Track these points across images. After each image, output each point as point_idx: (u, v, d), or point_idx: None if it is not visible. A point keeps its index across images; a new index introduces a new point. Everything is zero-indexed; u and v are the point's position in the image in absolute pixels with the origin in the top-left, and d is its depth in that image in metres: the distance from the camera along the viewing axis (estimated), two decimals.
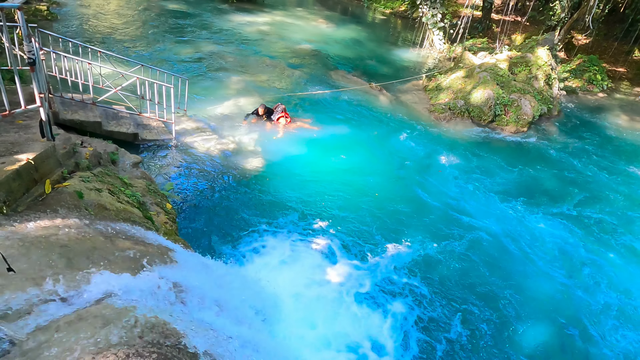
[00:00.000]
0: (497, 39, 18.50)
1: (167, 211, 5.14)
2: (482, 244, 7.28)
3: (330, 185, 8.15)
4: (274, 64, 14.11)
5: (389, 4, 26.08)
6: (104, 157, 5.34)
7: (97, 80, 7.86)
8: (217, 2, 21.40)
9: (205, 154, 8.17)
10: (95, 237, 3.27)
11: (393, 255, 6.64)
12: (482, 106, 12.01)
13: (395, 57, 17.91)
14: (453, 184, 9.07)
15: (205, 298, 3.50)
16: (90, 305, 2.53)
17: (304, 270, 5.99)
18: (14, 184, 3.26)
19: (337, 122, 10.76)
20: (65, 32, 13.19)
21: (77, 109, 7.54)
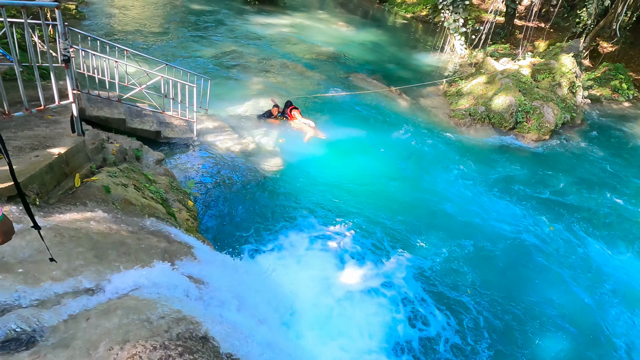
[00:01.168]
0: (519, 45, 18.27)
1: (189, 208, 5.22)
2: (501, 252, 7.19)
3: (347, 188, 8.16)
4: (294, 65, 14.20)
5: (410, 8, 25.98)
6: (129, 153, 5.46)
7: (123, 78, 8.03)
8: (240, 3, 21.64)
9: (225, 153, 8.26)
10: (122, 231, 3.35)
11: (410, 260, 6.61)
12: (504, 113, 11.87)
13: (415, 61, 17.83)
14: (472, 190, 8.98)
15: (225, 295, 3.55)
16: (118, 297, 2.60)
17: (320, 271, 6.01)
18: (46, 177, 3.37)
19: (356, 125, 10.76)
20: (93, 30, 13.52)
21: (102, 105, 7.72)
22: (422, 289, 6.12)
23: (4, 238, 1.75)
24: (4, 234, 1.74)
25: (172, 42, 14.36)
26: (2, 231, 1.73)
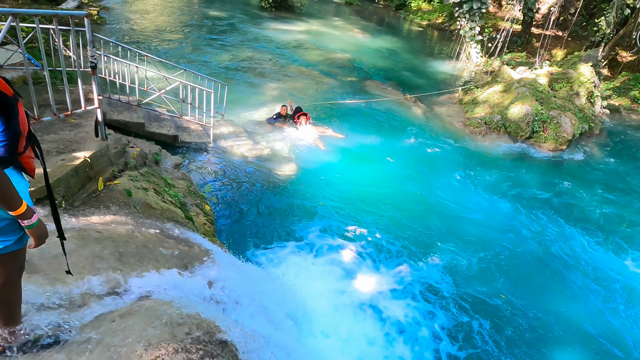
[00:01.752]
0: (536, 54, 18.12)
1: (206, 212, 5.29)
2: (515, 261, 7.12)
3: (361, 195, 8.18)
4: (310, 72, 14.30)
5: (426, 15, 25.97)
6: (149, 157, 5.57)
7: (142, 83, 8.18)
8: (257, 10, 21.89)
9: (240, 158, 8.35)
10: (143, 234, 3.42)
11: (422, 268, 6.58)
12: (520, 122, 11.77)
13: (430, 68, 17.80)
14: (488, 199, 8.91)
15: (242, 299, 3.59)
16: (140, 300, 2.65)
17: (333, 278, 6.02)
18: (72, 180, 3.46)
19: (370, 132, 10.78)
20: (113, 34, 13.82)
21: (122, 109, 7.88)
22: (436, 297, 6.09)
23: (38, 242, 1.82)
24: (38, 238, 1.81)
25: (190, 48, 14.59)
26: (37, 235, 1.80)
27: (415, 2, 27.57)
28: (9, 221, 1.74)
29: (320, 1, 27.54)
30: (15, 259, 1.87)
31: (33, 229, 1.77)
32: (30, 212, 1.74)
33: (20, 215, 1.70)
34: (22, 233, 1.82)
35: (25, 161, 1.82)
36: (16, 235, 1.80)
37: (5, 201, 1.65)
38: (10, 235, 1.78)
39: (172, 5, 19.75)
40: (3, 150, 1.71)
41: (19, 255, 1.88)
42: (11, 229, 1.77)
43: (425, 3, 27.50)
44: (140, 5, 18.62)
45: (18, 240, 1.82)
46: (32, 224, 1.75)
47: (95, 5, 16.09)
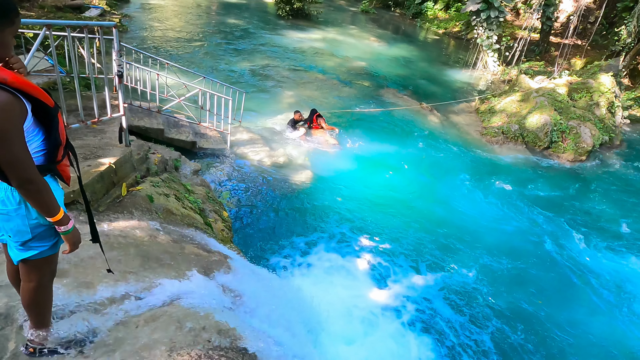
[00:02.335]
0: (555, 63, 17.92)
1: (224, 219, 5.35)
2: (534, 273, 7.01)
3: (377, 203, 8.16)
4: (326, 79, 14.38)
5: (443, 24, 25.92)
6: (169, 163, 5.66)
7: (162, 90, 8.33)
8: (274, 18, 22.15)
9: (257, 165, 8.42)
10: (165, 240, 3.47)
11: (438, 278, 6.53)
12: (538, 132, 11.63)
13: (446, 77, 17.74)
14: (505, 209, 8.81)
15: (261, 306, 3.61)
16: (163, 305, 2.70)
17: (349, 284, 6.01)
18: (97, 186, 3.55)
19: (387, 140, 10.77)
20: (134, 41, 14.12)
21: (142, 116, 8.03)
22: (450, 308, 6.02)
23: (72, 247, 1.89)
24: (73, 244, 1.88)
25: (208, 55, 14.82)
26: (73, 241, 1.87)
27: (431, 10, 27.56)
28: (45, 227, 1.81)
29: (336, 10, 27.74)
30: (49, 263, 1.93)
31: (69, 234, 1.83)
32: (66, 219, 1.81)
33: (58, 221, 1.76)
34: (56, 239, 1.89)
35: (62, 169, 1.89)
36: (51, 241, 1.87)
37: (46, 208, 1.71)
38: (46, 241, 1.85)
39: (190, 13, 20.11)
40: (43, 158, 1.78)
41: (53, 260, 1.95)
42: (47, 234, 1.84)
43: (441, 11, 27.47)
44: (159, 13, 19.01)
45: (53, 246, 1.89)
46: (68, 230, 1.82)
47: (117, 13, 16.48)
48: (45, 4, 14.68)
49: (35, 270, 1.89)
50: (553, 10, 19.22)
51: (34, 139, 1.71)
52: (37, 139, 1.73)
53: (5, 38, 1.59)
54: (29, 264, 1.87)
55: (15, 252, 1.83)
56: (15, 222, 1.74)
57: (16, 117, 1.56)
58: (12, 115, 1.53)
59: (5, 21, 1.56)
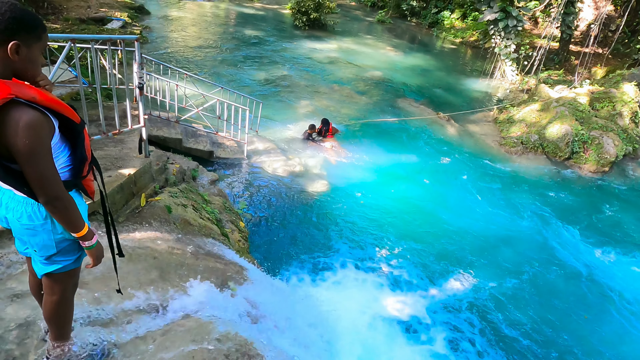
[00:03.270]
0: (575, 72, 17.60)
1: (240, 229, 5.35)
2: (554, 286, 6.83)
3: (393, 214, 8.08)
4: (342, 89, 14.40)
5: (460, 33, 25.78)
6: (187, 173, 5.71)
7: (181, 100, 8.44)
8: (290, 28, 22.36)
9: (273, 175, 8.44)
10: (183, 251, 3.48)
11: (457, 291, 6.40)
12: (559, 142, 11.40)
13: (464, 86, 17.59)
14: (525, 220, 8.63)
15: (278, 320, 3.58)
16: (180, 319, 2.69)
17: (365, 297, 5.93)
18: (117, 197, 3.59)
19: (403, 150, 10.70)
20: (154, 52, 14.41)
21: (161, 125, 8.14)
22: (467, 322, 5.89)
23: (96, 262, 1.91)
24: (97, 258, 1.90)
25: (226, 65, 15.01)
26: (96, 256, 1.89)
27: (448, 19, 27.47)
28: (70, 241, 1.83)
29: (352, 20, 27.88)
30: (72, 277, 1.95)
31: (93, 249, 1.85)
32: (91, 234, 1.83)
33: (83, 236, 1.78)
34: (80, 253, 1.91)
35: (86, 184, 1.91)
36: (75, 255, 1.89)
37: (71, 224, 1.73)
38: (70, 255, 1.86)
39: (209, 25, 20.45)
40: (69, 174, 1.80)
41: (75, 273, 1.97)
42: (71, 248, 1.85)
43: (458, 21, 27.35)
44: (179, 24, 19.38)
45: (76, 260, 1.91)
46: (92, 245, 1.84)
47: (138, 25, 16.86)
48: (70, 16, 15.12)
49: (58, 284, 1.90)
50: (573, 18, 18.94)
51: (60, 154, 1.73)
52: (64, 155, 1.75)
53: (33, 54, 1.61)
54: (52, 278, 1.88)
55: (40, 266, 1.85)
56: (41, 237, 1.76)
57: (45, 135, 1.57)
58: (41, 134, 1.55)
59: (32, 37, 1.58)
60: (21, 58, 1.56)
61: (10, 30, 1.50)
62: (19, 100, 1.50)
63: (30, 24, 1.57)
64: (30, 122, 1.50)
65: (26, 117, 1.50)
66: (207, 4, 25.01)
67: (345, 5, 32.12)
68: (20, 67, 1.57)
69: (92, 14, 15.87)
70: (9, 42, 1.51)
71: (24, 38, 1.54)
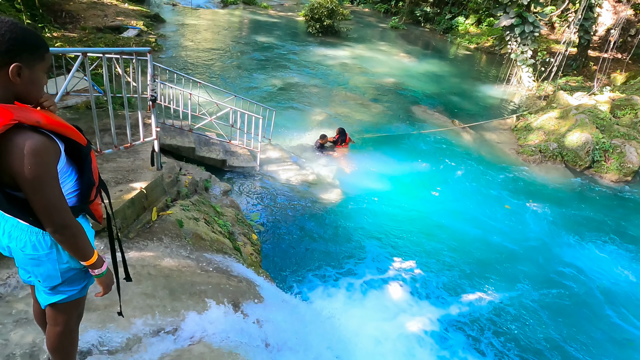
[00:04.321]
0: (594, 78, 17.20)
1: (253, 242, 5.25)
2: (579, 300, 6.56)
3: (408, 224, 7.90)
4: (355, 96, 14.29)
5: (474, 39, 25.51)
6: (200, 184, 5.63)
7: (194, 109, 8.42)
8: (304, 35, 22.39)
9: (286, 184, 8.34)
10: (194, 269, 3.38)
11: (474, 305, 6.19)
12: (579, 150, 11.09)
13: (479, 93, 17.33)
14: (544, 231, 8.36)
15: (291, 341, 3.45)
16: (190, 344, 2.58)
17: (380, 312, 5.76)
18: (128, 211, 3.51)
19: (417, 159, 10.52)
20: (168, 60, 14.52)
21: (175, 134, 8.12)
22: (486, 338, 5.67)
23: (106, 290, 1.82)
24: (107, 287, 1.81)
25: (240, 73, 15.04)
26: (106, 284, 1.80)
27: (462, 25, 27.23)
28: (76, 271, 1.74)
29: (366, 26, 27.82)
30: (77, 307, 1.86)
31: (102, 277, 1.76)
32: (100, 261, 1.73)
33: (92, 265, 1.69)
34: (86, 282, 1.82)
35: (94, 208, 1.82)
36: (81, 284, 1.80)
37: (81, 252, 1.64)
38: (76, 285, 1.77)
39: (223, 33, 20.58)
40: (76, 199, 1.70)
41: (80, 303, 1.87)
42: (77, 278, 1.76)
43: (473, 26, 27.09)
44: (193, 32, 19.54)
45: (82, 289, 1.82)
46: (102, 273, 1.75)
47: (154, 33, 17.03)
48: (87, 25, 15.35)
49: (62, 314, 1.81)
50: (591, 23, 18.57)
51: (67, 179, 1.64)
52: (70, 180, 1.66)
53: (36, 76, 1.52)
54: (56, 308, 1.79)
55: (44, 296, 1.76)
56: (45, 267, 1.67)
57: (51, 160, 1.49)
58: (46, 160, 1.46)
59: (35, 58, 1.49)
60: (23, 81, 1.47)
61: (12, 52, 1.41)
62: (23, 125, 1.41)
63: (33, 44, 1.48)
64: (35, 148, 1.41)
65: (31, 142, 1.41)
66: (221, 12, 25.22)
67: (358, 12, 32.13)
68: (22, 90, 1.49)
69: (108, 23, 16.09)
70: (10, 64, 1.42)
71: (26, 59, 1.46)
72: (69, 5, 16.37)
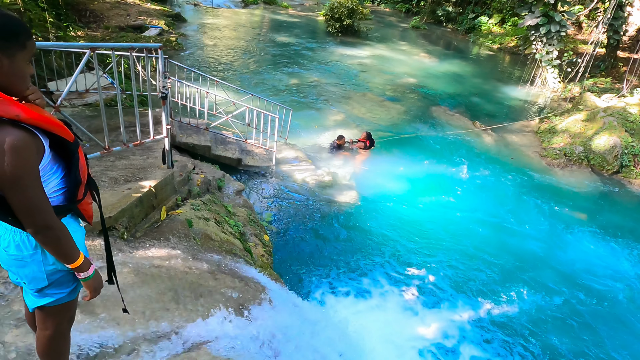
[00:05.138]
0: (624, 80, 16.55)
1: (264, 243, 5.16)
2: (603, 310, 6.25)
3: (426, 228, 7.69)
4: (374, 97, 14.10)
5: (498, 39, 24.92)
6: (212, 184, 5.57)
7: (211, 107, 8.40)
8: (323, 35, 22.28)
9: (301, 185, 8.23)
10: (201, 271, 3.30)
11: (495, 312, 5.95)
12: (606, 155, 10.66)
13: (501, 94, 16.90)
14: (569, 238, 8.03)
15: (302, 348, 3.33)
16: (191, 350, 2.48)
17: (395, 318, 5.60)
18: (135, 210, 3.45)
19: (436, 161, 10.27)
20: (189, 59, 14.62)
21: (191, 132, 8.11)
22: (506, 349, 5.44)
23: (93, 294, 1.72)
24: (94, 290, 1.72)
25: (258, 72, 15.03)
26: (93, 287, 1.71)
27: (485, 25, 26.65)
28: (64, 273, 1.64)
29: (386, 26, 27.53)
30: (67, 310, 1.77)
31: (89, 281, 1.67)
32: (86, 264, 1.64)
33: (77, 268, 1.59)
34: (75, 284, 1.72)
35: (83, 208, 1.71)
36: (70, 287, 1.70)
37: (64, 255, 1.54)
38: (64, 287, 1.68)
39: (243, 32, 20.65)
40: (62, 197, 1.60)
41: (71, 306, 1.78)
42: (65, 280, 1.67)
43: (496, 26, 26.49)
44: (214, 31, 19.66)
45: (71, 292, 1.72)
46: (88, 276, 1.65)
47: (175, 32, 17.19)
48: (110, 24, 15.60)
49: (51, 318, 1.73)
50: (621, 23, 17.88)
51: (52, 176, 1.54)
52: (56, 177, 1.56)
53: (17, 66, 1.39)
54: (45, 311, 1.70)
55: (32, 298, 1.67)
56: (30, 269, 1.58)
57: (31, 158, 1.38)
58: (26, 158, 1.35)
59: (14, 46, 1.37)
60: (3, 71, 1.36)
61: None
62: (1, 119, 1.32)
63: (10, 31, 1.35)
64: (13, 144, 1.31)
65: (9, 138, 1.30)
66: (242, 11, 25.34)
67: (379, 12, 31.83)
68: (3, 81, 1.37)
69: (131, 22, 16.31)
70: None
71: (3, 48, 1.34)
72: (93, 5, 16.66)
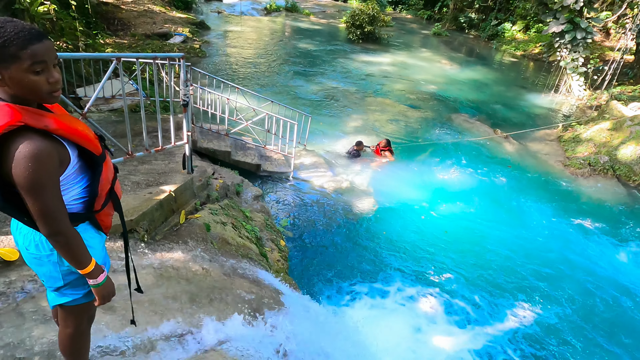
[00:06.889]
0: None
1: (280, 248, 5.22)
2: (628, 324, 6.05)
3: (447, 236, 7.61)
4: (394, 104, 14.08)
5: (521, 45, 24.55)
6: (231, 189, 5.68)
7: (232, 113, 8.55)
8: (344, 42, 22.40)
9: (319, 191, 8.28)
10: (217, 274, 3.37)
11: (513, 324, 5.84)
12: (633, 165, 10.34)
13: (524, 102, 16.62)
14: (594, 250, 7.81)
15: (313, 352, 3.36)
16: (206, 351, 2.54)
17: (412, 327, 5.55)
18: (156, 214, 3.56)
19: (456, 169, 10.17)
20: (211, 66, 14.92)
21: (212, 138, 8.28)
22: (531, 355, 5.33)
23: (102, 301, 1.75)
24: (103, 298, 1.74)
25: (279, 78, 15.22)
26: (102, 295, 1.73)
27: (509, 32, 26.30)
28: (77, 275, 1.70)
29: (407, 33, 27.48)
30: (86, 311, 1.85)
31: (99, 288, 1.71)
32: (97, 272, 1.68)
33: (88, 274, 1.65)
34: (90, 287, 1.78)
35: (101, 218, 1.78)
36: (85, 289, 1.77)
37: (74, 260, 1.60)
38: (79, 289, 1.75)
39: (265, 39, 20.97)
40: (82, 206, 1.67)
41: (90, 307, 1.85)
42: (80, 283, 1.74)
43: (520, 33, 26.11)
44: (236, 39, 20.02)
45: (87, 294, 1.79)
46: (98, 284, 1.69)
47: (198, 40, 17.59)
48: (136, 32, 16.08)
49: (72, 317, 1.81)
50: None
51: (75, 185, 1.61)
52: (80, 186, 1.63)
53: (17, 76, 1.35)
54: (65, 310, 1.79)
55: (52, 296, 1.77)
56: (47, 268, 1.67)
57: (51, 167, 1.43)
58: (46, 165, 1.40)
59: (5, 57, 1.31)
60: (8, 83, 1.36)
61: None
62: (30, 128, 1.38)
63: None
64: (35, 152, 1.36)
65: (32, 146, 1.36)
66: (264, 19, 25.73)
67: (400, 19, 31.81)
68: (16, 93, 1.39)
69: (156, 30, 16.78)
70: None
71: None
72: (121, 14, 17.22)
